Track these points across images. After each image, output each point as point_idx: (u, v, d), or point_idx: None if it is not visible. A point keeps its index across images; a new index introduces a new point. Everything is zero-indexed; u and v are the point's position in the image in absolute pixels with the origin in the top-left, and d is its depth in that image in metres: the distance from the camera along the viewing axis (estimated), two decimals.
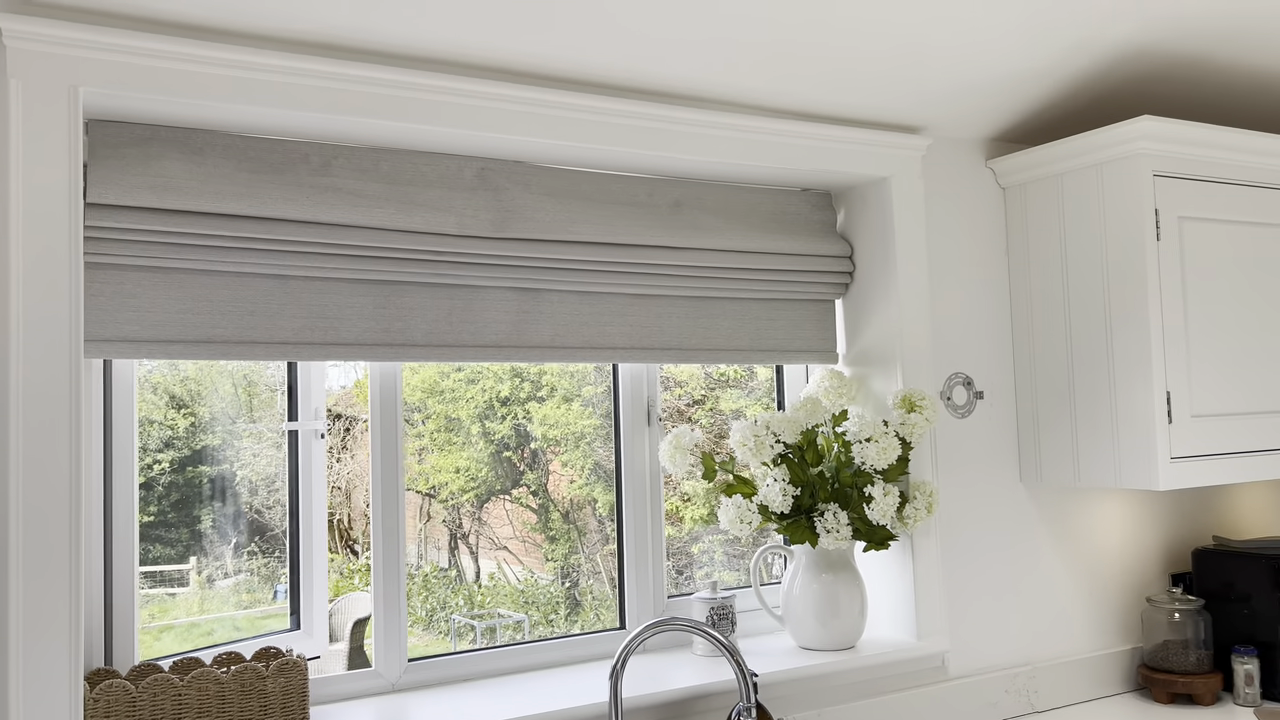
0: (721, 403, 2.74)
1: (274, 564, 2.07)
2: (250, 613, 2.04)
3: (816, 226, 2.39)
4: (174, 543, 1.94)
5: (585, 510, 3.00)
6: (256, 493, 2.04)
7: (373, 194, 1.87)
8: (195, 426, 1.96)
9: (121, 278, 1.69)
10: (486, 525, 3.80)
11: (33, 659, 1.48)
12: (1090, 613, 2.53)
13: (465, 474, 3.37)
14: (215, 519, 2.00)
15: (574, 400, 2.68)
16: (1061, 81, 2.21)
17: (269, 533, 2.06)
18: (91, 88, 1.55)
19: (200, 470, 1.96)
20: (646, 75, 1.94)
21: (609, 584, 2.83)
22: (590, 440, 2.65)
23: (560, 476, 3.08)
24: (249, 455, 2.03)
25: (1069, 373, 2.33)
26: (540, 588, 3.50)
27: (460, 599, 3.83)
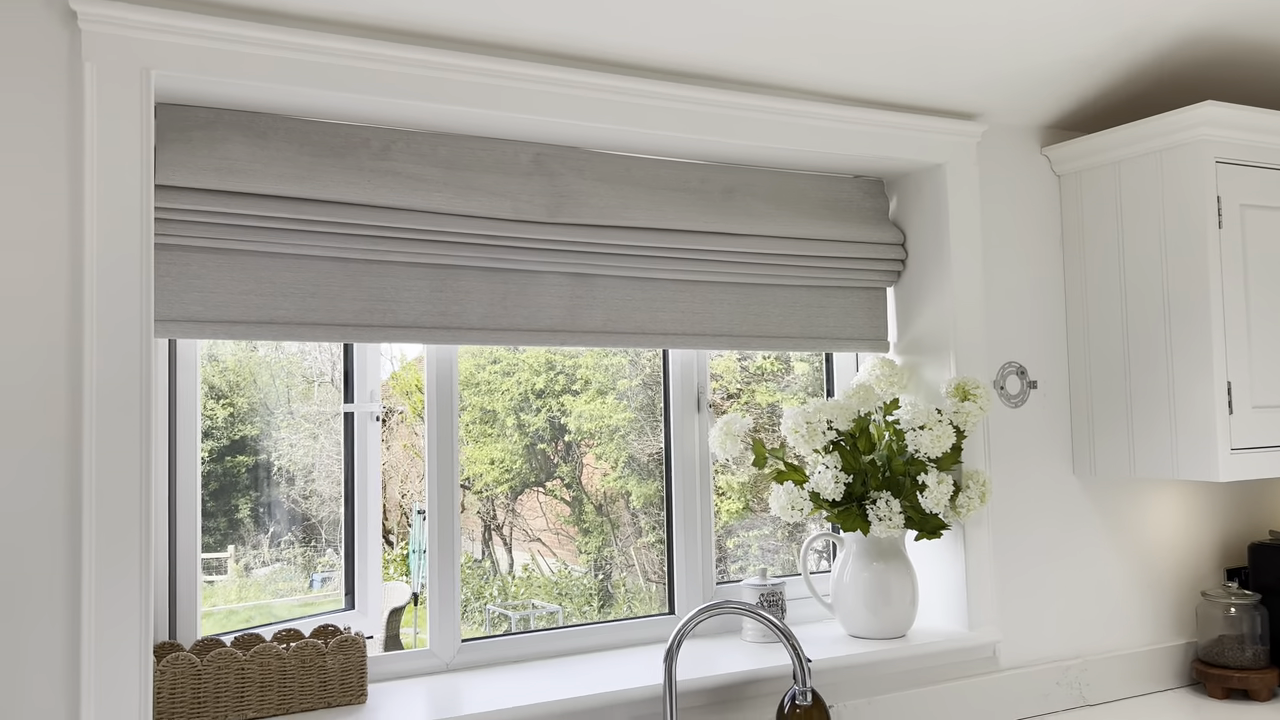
0: (758, 396, 2.74)
1: (311, 553, 2.10)
2: (287, 601, 2.07)
3: (868, 213, 2.37)
4: (213, 531, 1.97)
5: (618, 503, 3.01)
6: (294, 482, 2.07)
7: (431, 178, 1.89)
8: (234, 417, 1.99)
9: (187, 259, 1.72)
10: (520, 517, 3.83)
11: (105, 631, 1.51)
12: (1144, 606, 2.50)
13: (500, 466, 3.39)
14: (253, 508, 2.02)
15: (608, 394, 2.69)
16: (1120, 67, 2.18)
17: (306, 522, 2.09)
18: (162, 70, 1.58)
19: (239, 460, 1.99)
20: (702, 59, 1.94)
21: (642, 576, 2.84)
22: (624, 433, 2.65)
23: (594, 469, 3.09)
24: (286, 445, 2.06)
25: (1125, 363, 2.30)
26: (573, 579, 3.52)
27: (494, 590, 3.86)
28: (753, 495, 2.66)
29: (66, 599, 1.51)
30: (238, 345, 2.01)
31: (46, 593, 1.50)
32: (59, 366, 1.52)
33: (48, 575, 1.50)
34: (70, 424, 1.53)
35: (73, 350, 1.53)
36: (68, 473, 1.52)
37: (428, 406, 2.04)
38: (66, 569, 1.51)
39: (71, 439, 1.53)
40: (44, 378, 1.52)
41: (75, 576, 1.52)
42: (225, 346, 1.98)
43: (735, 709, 2.00)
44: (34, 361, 1.51)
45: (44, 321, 1.52)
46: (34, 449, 1.50)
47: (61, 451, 1.52)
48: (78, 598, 1.51)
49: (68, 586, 1.51)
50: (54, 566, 1.51)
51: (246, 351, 2.04)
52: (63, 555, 1.51)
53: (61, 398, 1.52)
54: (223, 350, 1.99)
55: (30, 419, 1.51)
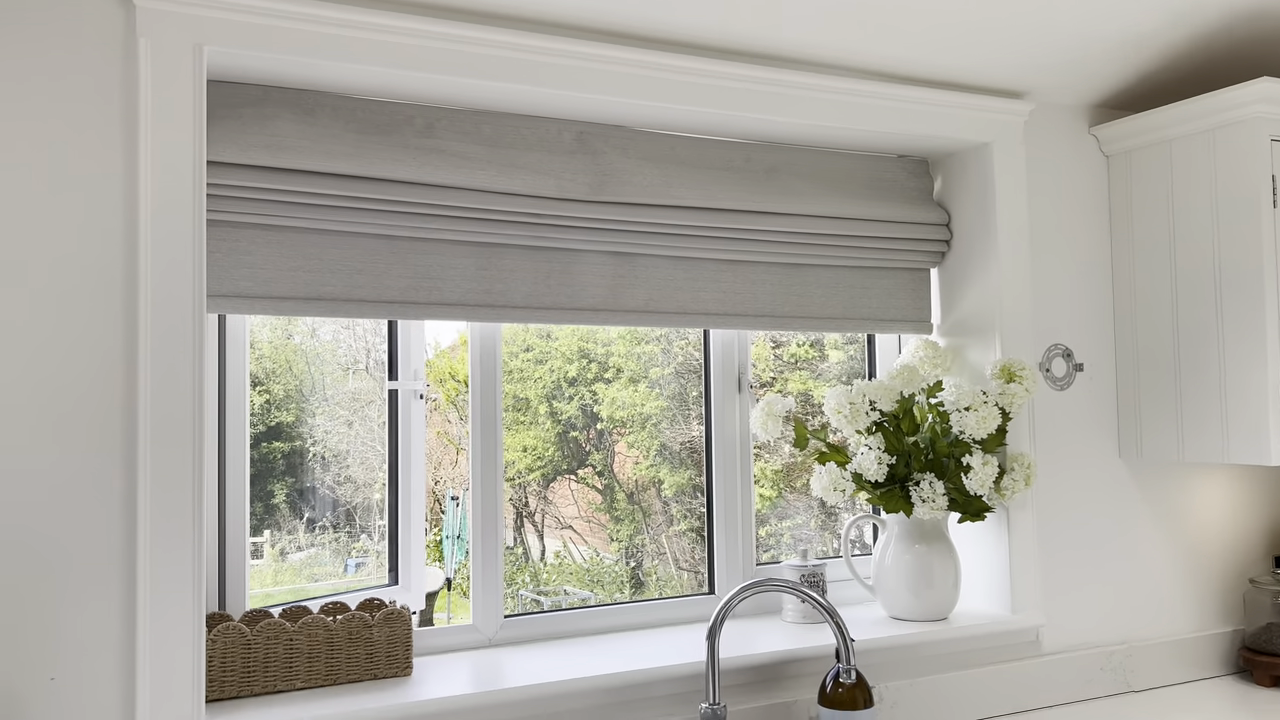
0: (791, 384, 2.73)
1: (346, 538, 2.12)
2: (322, 585, 2.09)
3: (913, 193, 2.35)
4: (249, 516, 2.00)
5: (650, 492, 3.01)
6: (329, 468, 2.09)
7: (475, 156, 1.89)
8: (270, 404, 2.01)
9: (236, 235, 1.74)
10: (552, 504, 3.84)
11: (159, 600, 1.53)
12: (1190, 592, 2.47)
13: (532, 453, 3.40)
14: (289, 494, 2.05)
15: (640, 382, 2.69)
16: (1171, 44, 2.14)
17: (342, 508, 2.11)
18: (214, 46, 1.59)
19: (274, 446, 2.01)
20: (746, 36, 1.93)
21: (673, 565, 2.84)
22: (656, 422, 2.65)
23: (625, 458, 3.10)
24: (322, 432, 2.07)
25: (1174, 345, 2.27)
26: (605, 567, 3.53)
27: (526, 576, 3.87)
28: (785, 483, 2.65)
29: (123, 569, 1.54)
30: (274, 333, 2.03)
31: (104, 563, 1.53)
32: (115, 341, 1.55)
33: (105, 546, 1.53)
34: (126, 397, 1.55)
35: (128, 325, 1.56)
36: (124, 445, 1.55)
37: (471, 384, 2.05)
38: (122, 540, 1.54)
39: (127, 412, 1.55)
40: (100, 352, 1.54)
41: (131, 547, 1.54)
42: (261, 334, 2.00)
43: (776, 687, 2.00)
44: (90, 336, 1.54)
45: (100, 297, 1.54)
46: (91, 422, 1.53)
47: (118, 424, 1.55)
48: (133, 568, 1.54)
49: (124, 557, 1.54)
50: (110, 537, 1.53)
51: (283, 339, 2.06)
52: (119, 526, 1.54)
53: (118, 372, 1.55)
54: (259, 338, 2.01)
55: (88, 393, 1.53)
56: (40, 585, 1.49)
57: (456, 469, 4.72)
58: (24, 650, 1.48)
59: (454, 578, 4.07)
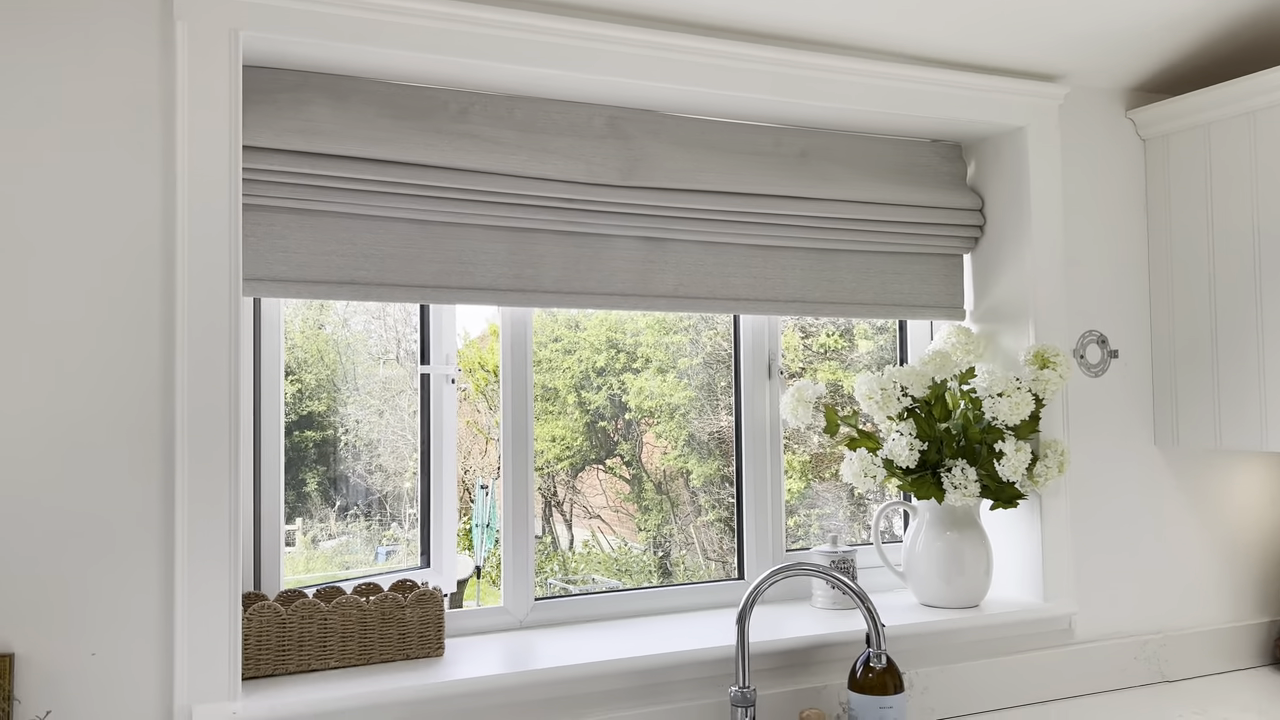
0: (820, 374, 2.71)
1: (376, 526, 2.13)
2: (353, 573, 2.11)
3: (945, 178, 2.33)
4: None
5: (678, 482, 3.01)
6: (360, 457, 2.10)
7: (507, 141, 1.90)
8: (301, 393, 2.02)
9: (271, 219, 1.76)
10: (580, 494, 3.85)
11: (196, 580, 1.56)
12: (1226, 582, 2.44)
13: (561, 443, 3.41)
14: (320, 482, 2.06)
15: (669, 372, 2.68)
16: (1212, 25, 2.11)
17: (372, 496, 2.13)
18: (250, 30, 1.61)
19: (306, 435, 2.03)
20: (778, 19, 1.92)
21: (701, 554, 2.84)
22: (685, 412, 2.65)
23: (654, 448, 3.10)
24: (353, 421, 2.09)
25: (1212, 331, 2.24)
26: (633, 556, 3.53)
27: (555, 565, 3.89)
28: (814, 473, 2.64)
29: (161, 547, 1.56)
30: (305, 323, 2.04)
31: (143, 541, 1.55)
32: (153, 323, 1.57)
33: (144, 524, 1.56)
34: (164, 379, 1.57)
35: (165, 307, 1.58)
36: (163, 425, 1.57)
37: (502, 369, 2.06)
38: (161, 518, 1.56)
39: (165, 392, 1.57)
40: (139, 334, 1.56)
41: (169, 526, 1.57)
42: (293, 324, 2.02)
43: (805, 672, 1.99)
44: (129, 318, 1.56)
45: (138, 280, 1.56)
46: (131, 404, 1.55)
47: (157, 405, 1.57)
48: (171, 546, 1.56)
49: (162, 535, 1.56)
50: (149, 516, 1.56)
51: (314, 329, 2.08)
52: (157, 505, 1.56)
53: (155, 354, 1.57)
54: (291, 328, 2.02)
55: (127, 375, 1.55)
56: (82, 563, 1.52)
57: (486, 458, 4.74)
58: (66, 626, 1.51)
59: (483, 566, 4.10)
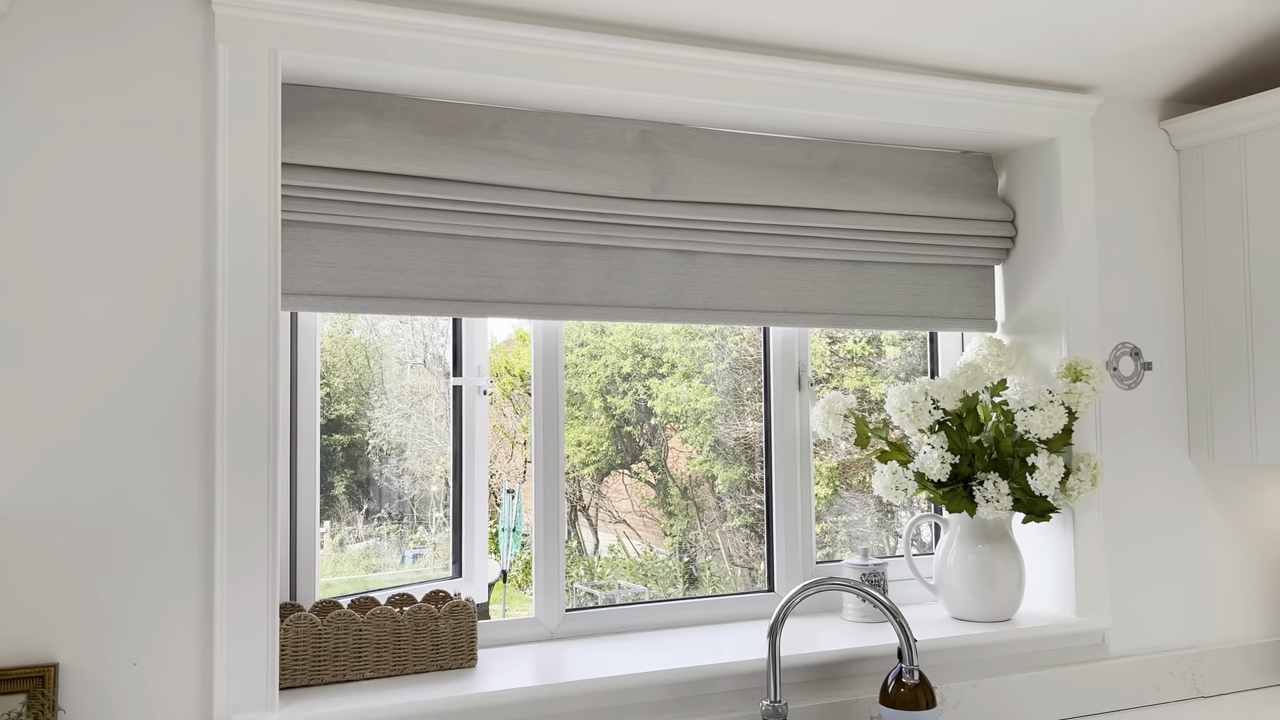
0: (847, 381, 2.71)
1: (403, 529, 2.15)
2: (380, 576, 2.13)
3: (976, 190, 2.33)
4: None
5: (703, 487, 3.01)
6: (388, 461, 2.12)
7: (540, 156, 1.91)
8: (330, 396, 2.05)
9: (309, 234, 1.78)
10: (606, 499, 3.86)
11: (235, 590, 1.58)
12: (1262, 597, 2.41)
13: (587, 447, 3.42)
14: (348, 485, 2.09)
15: (694, 377, 2.69)
16: (1243, 36, 2.09)
17: (399, 499, 2.14)
18: (289, 51, 1.63)
19: (334, 439, 2.05)
20: (807, 33, 1.92)
21: (727, 560, 2.84)
22: (710, 417, 2.65)
23: (679, 453, 3.10)
24: (380, 425, 2.11)
25: (1248, 344, 2.21)
26: (658, 561, 3.54)
27: (580, 569, 3.90)
28: (841, 480, 2.64)
29: (200, 559, 1.59)
30: (334, 327, 2.07)
31: (183, 553, 1.58)
32: (194, 336, 1.60)
33: (184, 536, 1.58)
34: (204, 392, 1.60)
35: (206, 321, 1.61)
36: (203, 438, 1.60)
37: (534, 381, 2.08)
38: (200, 530, 1.59)
39: (206, 405, 1.60)
40: (180, 347, 1.59)
41: (208, 537, 1.59)
42: (322, 328, 2.05)
43: (836, 686, 1.99)
44: (172, 332, 1.59)
45: (180, 294, 1.59)
46: (172, 415, 1.58)
47: (197, 417, 1.59)
48: (210, 558, 1.59)
49: (202, 547, 1.59)
50: (189, 528, 1.59)
51: (342, 333, 2.10)
52: (197, 518, 1.59)
53: (196, 366, 1.60)
54: (321, 330, 2.05)
55: (167, 387, 1.58)
56: (124, 572, 1.55)
57: (512, 462, 4.77)
58: (108, 636, 1.54)
59: (509, 570, 4.12)
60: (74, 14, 1.55)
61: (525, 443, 4.44)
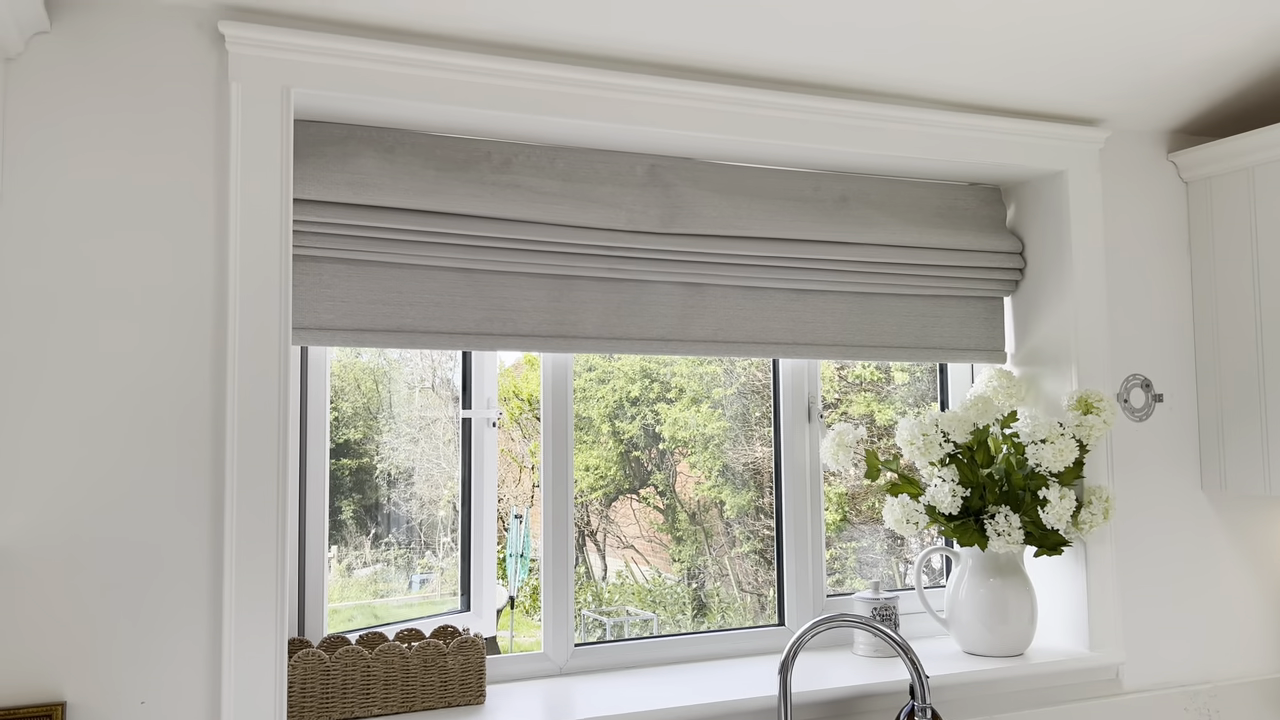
0: (855, 406, 2.71)
1: (410, 555, 2.15)
2: (387, 601, 2.12)
3: (985, 222, 2.33)
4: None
5: (712, 512, 3.00)
6: (395, 485, 2.12)
7: (550, 191, 1.92)
8: (338, 421, 2.05)
9: (319, 269, 1.79)
10: (614, 524, 3.85)
11: (244, 626, 1.57)
12: (1277, 630, 2.39)
13: (595, 472, 3.41)
14: (356, 510, 2.08)
15: (703, 402, 2.69)
16: (1253, 69, 2.09)
17: (407, 524, 2.14)
18: (301, 88, 1.65)
19: (342, 463, 2.05)
20: (816, 69, 1.93)
21: (736, 586, 2.82)
22: (719, 442, 2.64)
23: (687, 478, 3.09)
24: (388, 449, 2.11)
25: (1259, 375, 2.20)
26: (667, 587, 3.52)
27: (588, 595, 3.88)
28: (850, 507, 2.63)
29: (209, 596, 1.58)
30: (342, 352, 2.07)
31: (192, 591, 1.58)
32: (205, 371, 1.60)
33: (192, 573, 1.58)
34: (214, 428, 1.60)
35: (217, 355, 1.61)
36: (212, 475, 1.60)
37: (543, 416, 2.08)
38: (209, 567, 1.59)
39: (216, 442, 1.60)
40: (191, 381, 1.59)
41: (217, 574, 1.59)
42: (330, 353, 2.05)
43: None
44: (183, 366, 1.59)
45: (192, 328, 1.60)
46: (181, 451, 1.58)
47: (207, 453, 1.59)
48: (219, 597, 1.59)
49: (210, 584, 1.59)
50: (199, 567, 1.58)
51: (351, 357, 2.10)
52: (206, 553, 1.59)
53: (207, 401, 1.60)
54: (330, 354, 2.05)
55: (177, 423, 1.58)
56: (133, 610, 1.54)
57: (520, 486, 4.75)
58: (116, 673, 1.53)
59: (517, 596, 4.09)
60: (88, 54, 1.57)
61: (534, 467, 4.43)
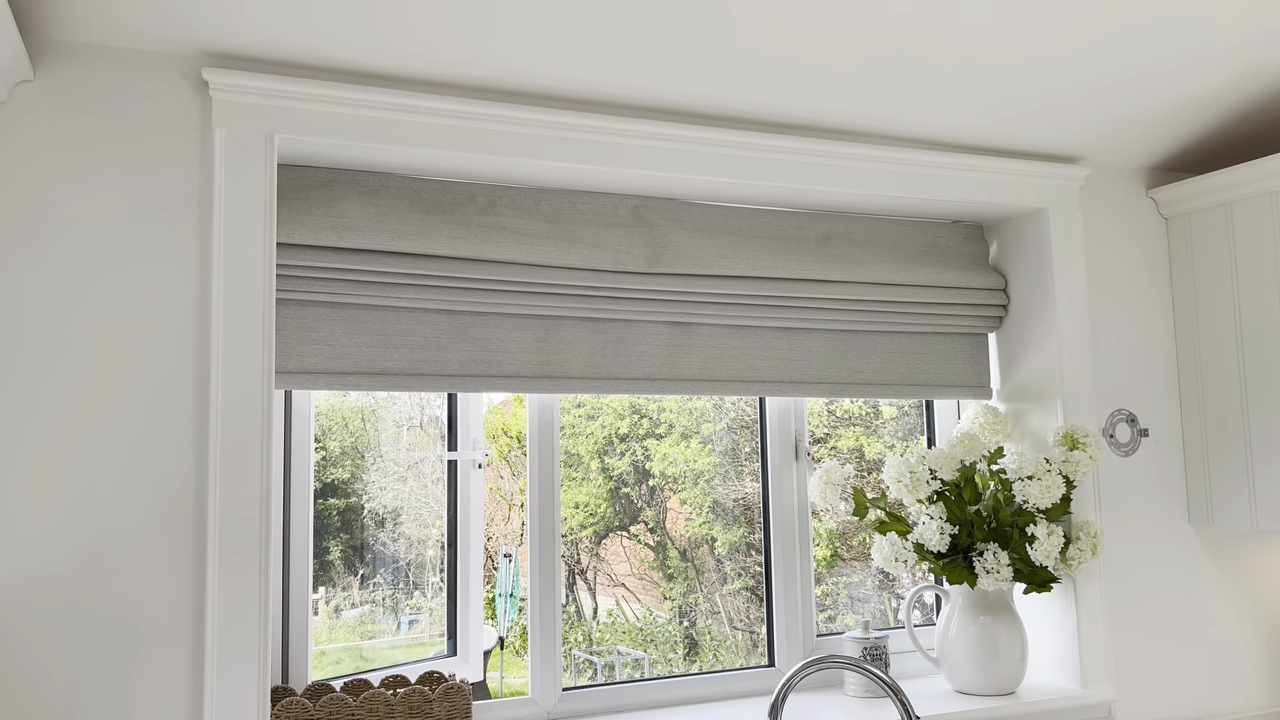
0: (842, 442, 2.70)
1: (399, 595, 2.13)
2: (376, 643, 2.10)
3: (968, 259, 2.34)
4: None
5: (703, 549, 2.98)
6: (384, 525, 2.10)
7: (534, 232, 1.93)
8: (325, 461, 2.03)
9: (303, 313, 1.79)
10: (604, 562, 3.82)
11: (226, 674, 1.55)
12: (1268, 665, 2.38)
13: (584, 509, 3.39)
14: (344, 550, 2.06)
15: (692, 438, 2.68)
16: (1230, 108, 2.12)
17: (395, 565, 2.12)
18: (284, 134, 1.65)
19: (329, 503, 2.03)
20: (796, 110, 1.95)
21: (728, 624, 2.80)
22: (709, 478, 2.63)
23: (678, 514, 3.08)
24: (376, 489, 2.09)
25: (1243, 409, 2.21)
26: (658, 626, 3.49)
27: (579, 635, 3.85)
28: (841, 543, 2.62)
29: (191, 645, 1.56)
30: (329, 391, 2.06)
31: (173, 638, 1.55)
32: (187, 416, 1.59)
33: (174, 621, 1.56)
34: (197, 473, 1.59)
35: (200, 401, 1.60)
36: (194, 521, 1.58)
37: (530, 456, 2.07)
38: (191, 616, 1.57)
39: (198, 488, 1.59)
40: (173, 427, 1.58)
41: (199, 623, 1.57)
42: (317, 392, 2.04)
43: None
44: (164, 412, 1.58)
45: (174, 373, 1.59)
46: (162, 496, 1.57)
47: (189, 499, 1.58)
48: (201, 643, 1.56)
49: (192, 633, 1.56)
50: (179, 614, 1.56)
51: (339, 396, 2.09)
52: (188, 602, 1.57)
53: (189, 448, 1.59)
54: (315, 396, 2.05)
55: (160, 467, 1.57)
56: (114, 669, 1.52)
57: (509, 525, 4.72)
58: None
59: (506, 636, 4.05)
60: (72, 101, 1.57)
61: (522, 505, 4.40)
